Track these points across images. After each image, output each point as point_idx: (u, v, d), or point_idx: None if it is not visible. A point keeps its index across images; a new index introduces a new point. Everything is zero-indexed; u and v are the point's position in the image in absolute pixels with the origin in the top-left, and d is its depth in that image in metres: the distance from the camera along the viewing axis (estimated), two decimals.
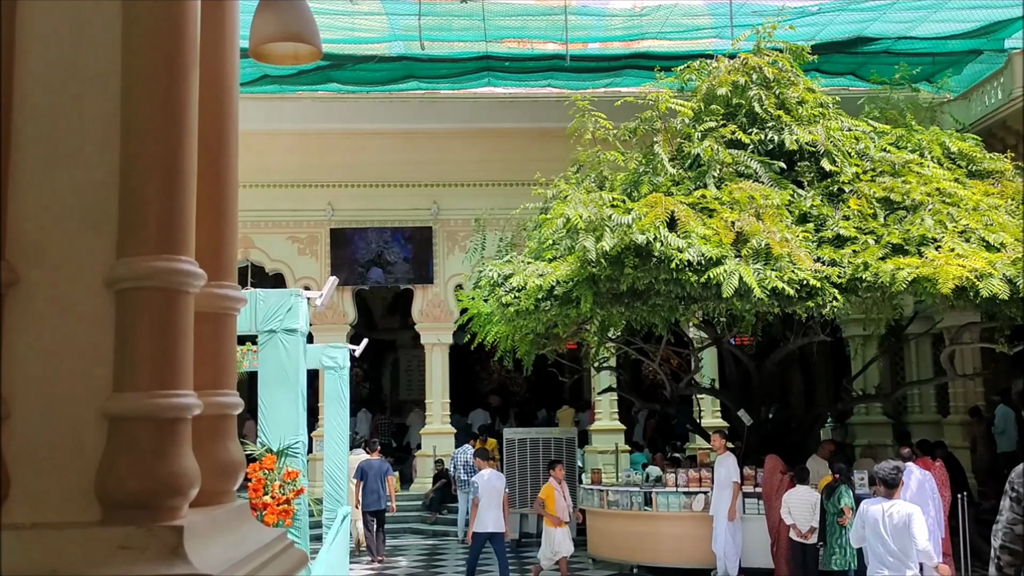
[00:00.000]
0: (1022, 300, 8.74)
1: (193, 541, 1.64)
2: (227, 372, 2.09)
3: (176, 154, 1.75)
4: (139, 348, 1.65)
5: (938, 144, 11.10)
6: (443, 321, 16.84)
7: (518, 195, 13.68)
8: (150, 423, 1.63)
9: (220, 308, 2.07)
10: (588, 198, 9.60)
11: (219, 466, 1.98)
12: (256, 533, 2.07)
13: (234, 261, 2.17)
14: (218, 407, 2.00)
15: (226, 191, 2.14)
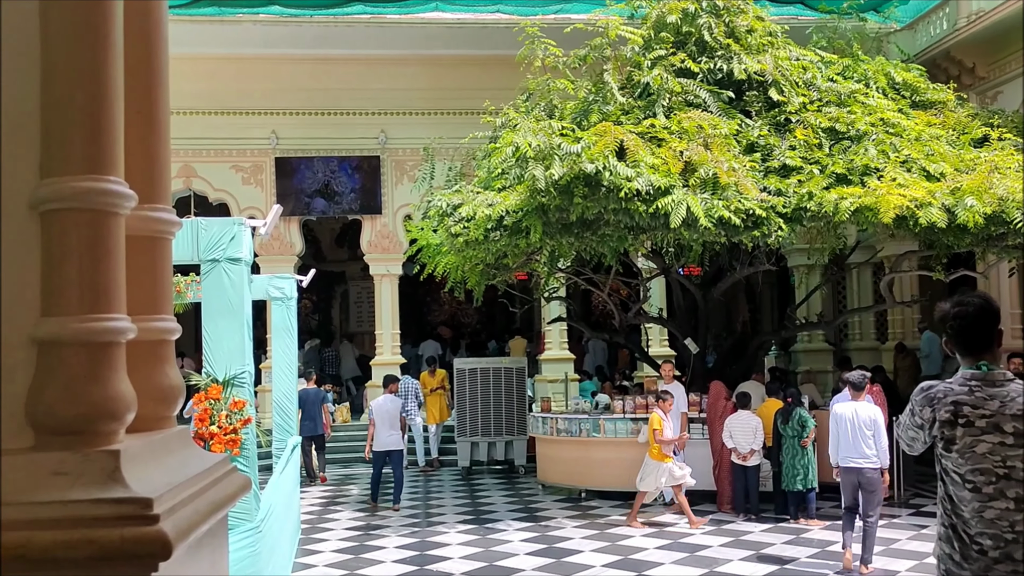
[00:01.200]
0: (959, 228, 8.93)
1: (130, 466, 1.62)
2: (163, 297, 2.05)
3: (101, 70, 1.68)
4: (67, 272, 1.60)
5: (883, 74, 11.20)
6: (392, 252, 16.73)
7: (467, 124, 13.53)
8: (81, 348, 1.59)
9: (154, 232, 2.01)
10: (538, 127, 9.52)
11: (157, 391, 1.95)
12: (197, 458, 2.06)
13: (167, 183, 2.11)
14: (155, 332, 1.97)
15: (157, 111, 2.07)
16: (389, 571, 8.15)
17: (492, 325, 23.83)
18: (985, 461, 3.08)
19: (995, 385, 3.15)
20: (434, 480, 13.73)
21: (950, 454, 3.15)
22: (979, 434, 3.10)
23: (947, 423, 3.14)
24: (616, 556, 8.43)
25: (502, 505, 11.43)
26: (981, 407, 3.12)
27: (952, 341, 3.24)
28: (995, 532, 3.06)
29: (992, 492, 3.07)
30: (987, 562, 3.06)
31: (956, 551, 3.14)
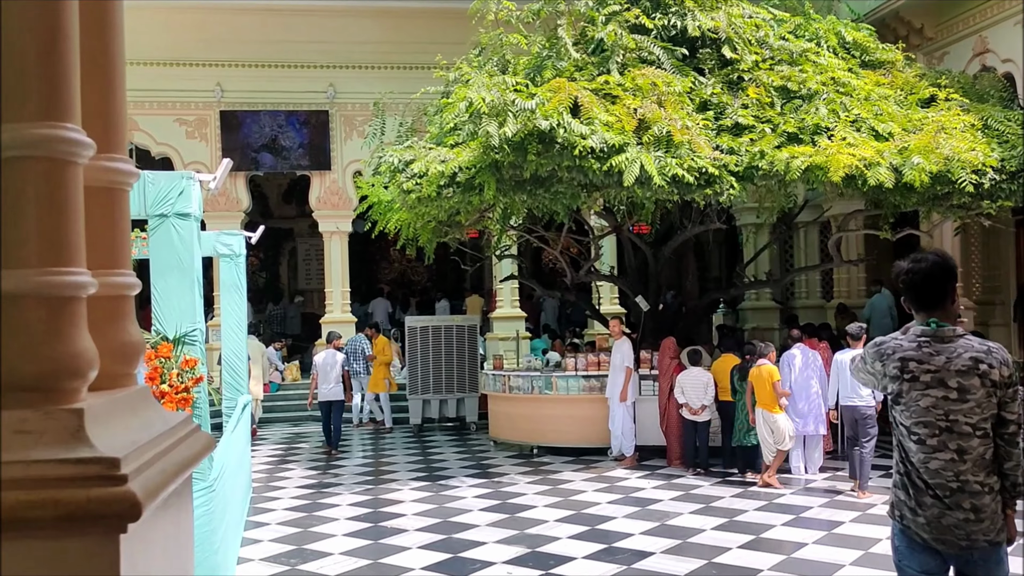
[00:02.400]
0: (906, 188, 9.09)
1: (95, 425, 1.56)
2: (122, 251, 1.97)
3: (55, 15, 1.59)
4: (26, 223, 1.52)
5: (834, 34, 11.26)
6: (342, 209, 16.52)
7: (418, 79, 13.33)
8: (42, 302, 1.52)
9: (112, 182, 1.93)
10: (491, 82, 9.40)
11: (118, 348, 1.89)
12: (160, 417, 2.00)
13: (124, 133, 2.02)
14: (114, 287, 1.89)
15: (112, 58, 1.97)
16: (343, 528, 8.15)
17: (443, 283, 23.75)
18: (928, 415, 3.16)
19: (944, 341, 3.22)
20: (386, 438, 13.73)
21: (898, 406, 3.23)
22: (923, 388, 3.17)
23: (895, 378, 3.21)
24: (569, 511, 8.53)
25: (455, 462, 11.48)
26: (927, 362, 3.19)
27: (907, 297, 3.30)
28: (939, 482, 3.15)
29: (935, 444, 3.16)
30: (941, 508, 3.15)
31: (911, 498, 3.23)
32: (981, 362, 3.19)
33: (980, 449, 3.17)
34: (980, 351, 3.23)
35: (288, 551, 7.43)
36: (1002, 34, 12.17)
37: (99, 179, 1.86)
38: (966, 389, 3.16)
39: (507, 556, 7.07)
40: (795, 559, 6.84)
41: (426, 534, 7.84)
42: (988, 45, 12.36)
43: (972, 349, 3.22)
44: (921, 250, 3.43)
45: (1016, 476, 3.23)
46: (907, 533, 3.24)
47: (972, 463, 3.16)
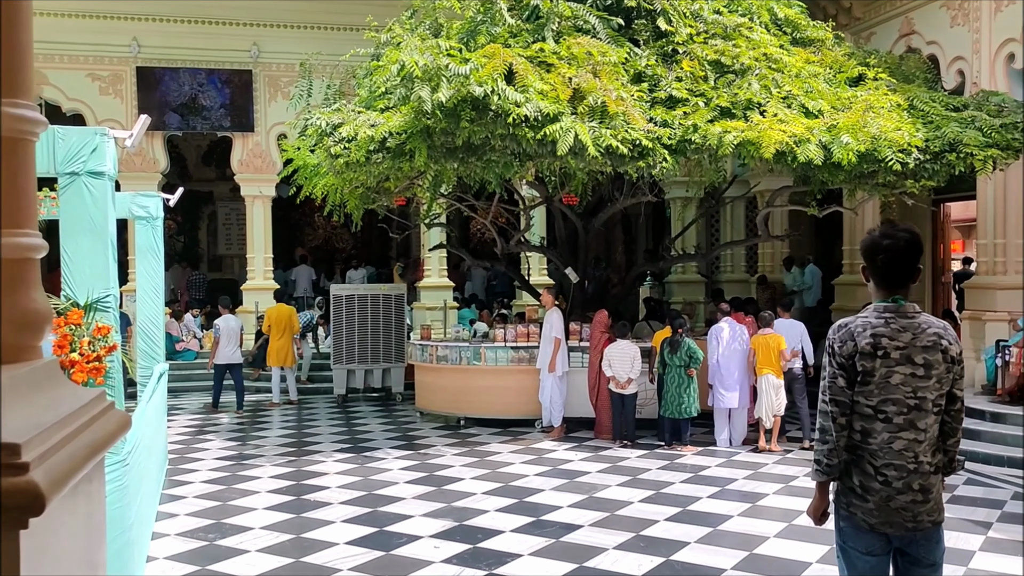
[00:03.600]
0: (834, 165, 9.17)
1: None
2: (26, 209, 1.75)
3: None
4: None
5: (766, 10, 11.27)
6: (265, 172, 16.04)
7: (347, 40, 12.95)
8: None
9: (17, 131, 1.71)
10: (423, 46, 9.15)
11: (20, 317, 1.67)
12: (70, 394, 1.80)
13: (30, 76, 1.79)
14: (17, 249, 1.68)
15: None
16: (264, 501, 7.93)
17: (368, 251, 23.38)
18: (897, 392, 3.13)
19: (907, 317, 3.20)
20: (308, 408, 13.46)
21: (867, 387, 3.17)
22: (893, 365, 3.14)
23: (867, 355, 3.16)
24: (497, 483, 8.46)
25: (380, 433, 11.31)
26: (896, 339, 3.16)
27: (875, 272, 3.24)
28: (901, 463, 3.13)
29: (902, 423, 3.13)
30: (889, 492, 3.13)
31: (858, 484, 3.20)
32: (942, 338, 3.19)
33: (934, 427, 3.17)
34: (939, 327, 3.22)
35: (206, 525, 7.19)
36: (927, 16, 12.39)
37: (2, 127, 1.64)
38: (930, 365, 3.15)
39: (434, 530, 6.97)
40: (721, 531, 6.90)
41: (350, 507, 7.68)
42: (914, 27, 12.58)
43: (933, 325, 3.21)
44: (893, 226, 3.34)
45: (955, 452, 3.25)
46: (853, 519, 3.21)
47: (927, 442, 3.15)
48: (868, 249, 3.23)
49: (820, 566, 6.02)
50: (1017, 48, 10.80)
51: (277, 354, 13.53)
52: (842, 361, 3.22)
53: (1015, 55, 10.89)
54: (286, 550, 6.53)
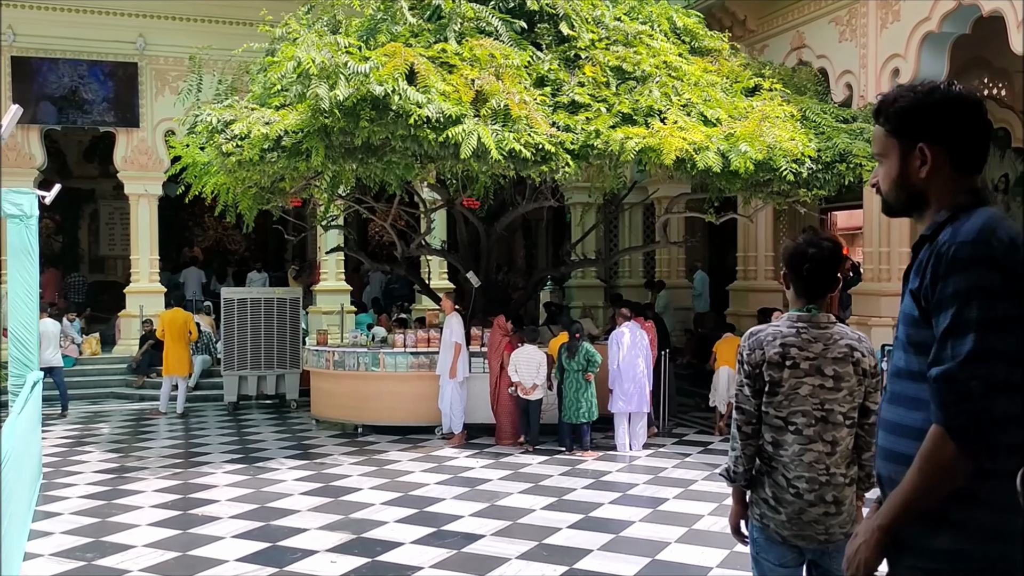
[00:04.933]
0: (732, 173, 9.32)
1: None
2: None
3: None
4: None
5: (666, 18, 11.42)
6: (151, 170, 15.35)
7: (240, 35, 12.49)
8: None
9: None
10: (321, 42, 8.86)
11: None
12: None
13: None
14: None
15: None
16: (147, 517, 7.49)
17: (263, 253, 22.72)
18: (807, 403, 3.09)
19: (820, 327, 3.16)
20: (196, 417, 12.90)
21: (775, 397, 3.12)
22: (803, 376, 3.09)
23: (776, 364, 3.11)
24: (396, 493, 8.24)
25: (273, 442, 10.91)
26: (806, 349, 3.12)
27: (797, 281, 3.19)
28: (812, 475, 3.09)
29: (811, 434, 3.09)
30: (802, 504, 3.09)
31: (771, 496, 3.15)
32: (855, 350, 3.16)
33: (847, 439, 3.14)
34: (853, 339, 3.19)
35: (83, 544, 6.73)
36: (817, 31, 12.77)
37: None
38: (841, 377, 3.11)
39: (330, 543, 6.71)
40: (623, 537, 6.87)
41: (241, 521, 7.33)
42: (805, 41, 12.95)
43: (846, 336, 3.18)
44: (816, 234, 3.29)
45: (871, 467, 3.23)
46: (766, 530, 3.17)
47: (840, 455, 3.12)
48: (793, 257, 3.18)
49: (721, 571, 6.05)
50: (902, 63, 11.23)
51: (173, 362, 12.90)
52: (749, 370, 3.17)
53: (899, 70, 11.31)
54: (171, 569, 6.16)
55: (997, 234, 1.86)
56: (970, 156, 2.03)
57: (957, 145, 1.99)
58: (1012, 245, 1.85)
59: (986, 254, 1.82)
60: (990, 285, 1.79)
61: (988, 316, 1.78)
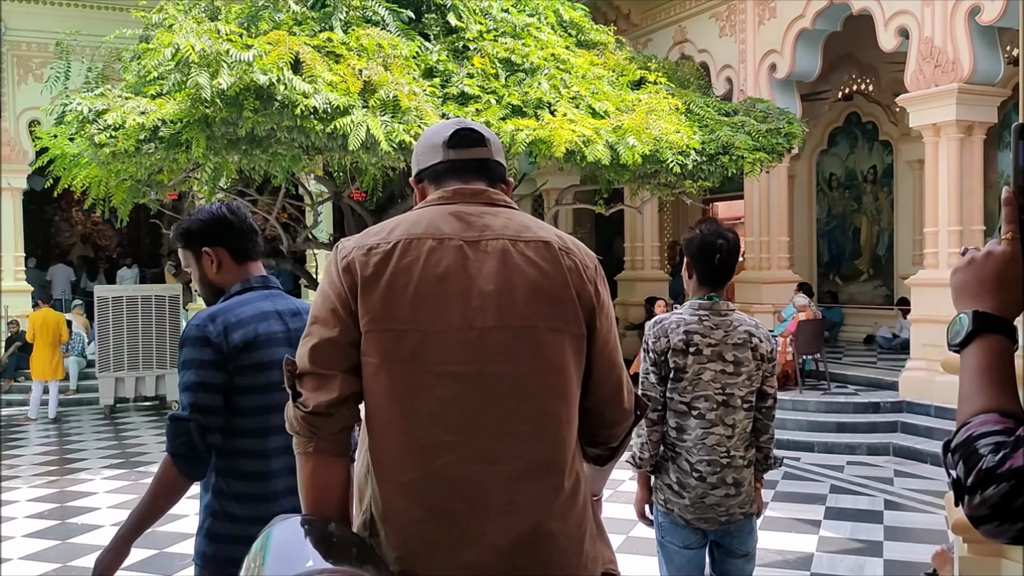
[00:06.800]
0: (620, 166, 9.46)
1: None
2: None
3: None
4: None
5: (552, 11, 11.49)
6: (15, 162, 14.47)
7: (111, 20, 11.93)
8: None
9: None
10: (200, 29, 8.52)
11: None
12: None
13: None
14: None
15: None
16: (22, 528, 7.07)
17: (136, 249, 21.77)
18: (709, 388, 3.17)
19: (720, 315, 3.24)
20: (70, 421, 12.27)
21: (680, 383, 3.18)
22: (705, 362, 3.17)
23: (680, 351, 3.17)
24: None
25: (154, 445, 10.48)
26: (708, 336, 3.19)
27: (705, 270, 3.25)
28: (713, 458, 3.17)
29: (714, 418, 3.17)
30: (704, 488, 3.17)
31: (675, 481, 3.22)
32: (753, 336, 3.25)
33: (745, 423, 3.24)
34: (751, 325, 3.29)
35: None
36: (698, 26, 13.13)
37: None
38: (740, 362, 3.20)
39: None
40: None
41: None
42: (687, 35, 13.29)
43: (745, 323, 3.28)
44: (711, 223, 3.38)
45: (769, 449, 3.33)
46: (670, 515, 3.24)
47: (738, 437, 3.21)
48: (702, 248, 3.24)
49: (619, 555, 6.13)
50: (778, 59, 11.65)
51: (43, 366, 12.18)
52: (655, 357, 3.23)
53: (776, 65, 11.74)
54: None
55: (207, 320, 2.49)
56: (241, 249, 2.67)
57: (230, 244, 2.65)
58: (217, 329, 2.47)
59: (198, 336, 2.46)
60: (200, 358, 2.44)
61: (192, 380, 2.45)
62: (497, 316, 1.66)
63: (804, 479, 8.51)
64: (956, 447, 1.15)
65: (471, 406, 1.65)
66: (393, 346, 1.65)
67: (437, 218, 1.75)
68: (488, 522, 1.64)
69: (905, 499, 7.76)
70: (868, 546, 6.48)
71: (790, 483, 8.32)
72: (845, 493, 7.99)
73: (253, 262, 2.70)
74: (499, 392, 1.66)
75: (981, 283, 1.25)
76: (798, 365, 10.80)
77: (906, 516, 7.23)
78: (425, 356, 1.64)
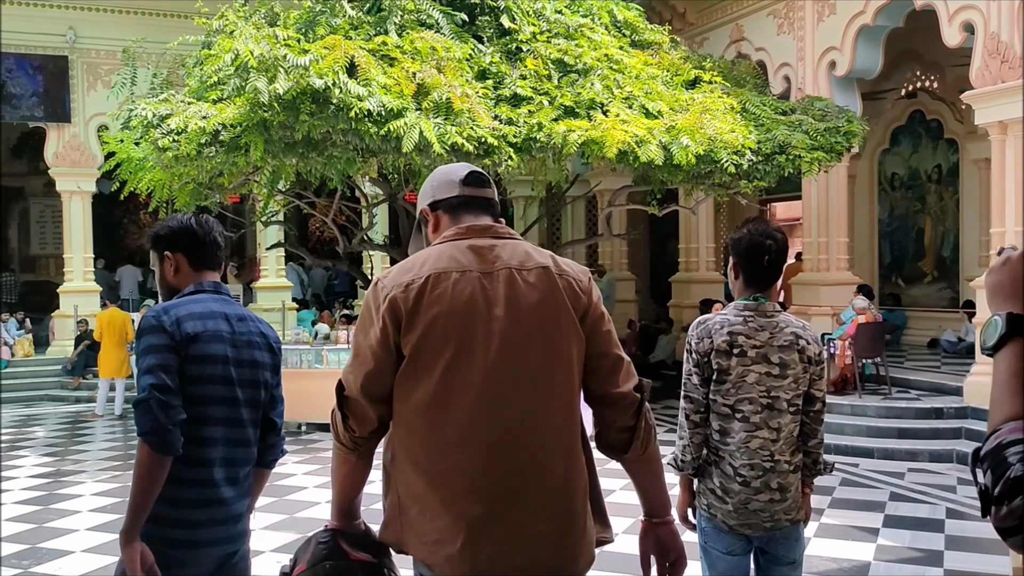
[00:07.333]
0: (674, 166, 9.39)
1: None
2: None
3: None
4: None
5: (606, 11, 11.45)
6: (84, 166, 14.95)
7: (175, 27, 12.26)
8: None
9: None
10: (259, 35, 8.70)
11: None
12: None
13: None
14: None
15: None
16: (86, 522, 7.30)
17: None
18: (753, 391, 3.12)
19: (766, 316, 3.19)
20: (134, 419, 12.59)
21: (723, 385, 3.15)
22: (749, 364, 3.12)
23: (723, 353, 3.13)
24: None
25: None
26: (753, 337, 3.14)
27: (753, 271, 3.20)
28: (757, 462, 3.12)
29: (758, 421, 3.12)
30: (748, 493, 3.12)
31: (718, 486, 3.18)
32: (800, 338, 3.19)
33: (791, 427, 3.18)
34: (798, 327, 3.23)
35: (19, 551, 6.53)
36: (755, 24, 12.95)
37: None
38: (786, 365, 3.14)
39: (275, 544, 6.61)
40: None
41: None
42: (744, 34, 13.13)
43: (792, 324, 3.22)
44: (759, 223, 3.32)
45: (818, 454, 3.27)
46: (713, 520, 3.20)
47: (784, 441, 3.15)
48: (751, 248, 3.18)
49: None
50: (838, 56, 11.44)
51: (110, 364, 12.55)
52: (698, 358, 3.19)
53: (836, 63, 11.53)
54: (111, 573, 6.00)
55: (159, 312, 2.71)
56: (199, 258, 2.89)
57: (189, 252, 2.88)
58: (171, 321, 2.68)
59: (154, 325, 2.67)
60: (157, 344, 2.63)
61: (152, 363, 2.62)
62: (510, 330, 2.05)
63: (862, 485, 8.33)
64: (985, 455, 1.12)
65: (494, 401, 2.03)
66: (432, 362, 2.04)
67: (457, 253, 2.11)
68: (506, 501, 2.04)
69: (968, 508, 7.55)
70: (928, 555, 6.32)
71: (847, 489, 8.16)
72: (905, 501, 7.81)
73: (210, 271, 2.93)
74: (516, 385, 2.05)
75: (1015, 284, 1.22)
76: (857, 369, 10.59)
77: (968, 525, 7.03)
78: (458, 368, 2.02)
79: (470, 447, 2.01)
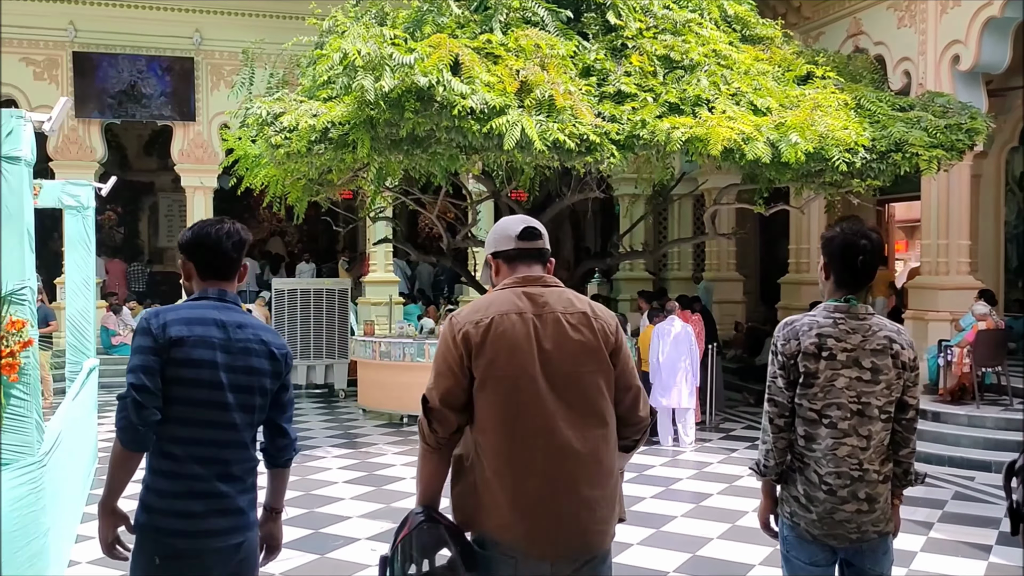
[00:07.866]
0: (782, 164, 9.13)
1: None
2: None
3: None
4: None
5: (716, 6, 11.21)
6: (207, 163, 15.63)
7: (290, 28, 12.65)
8: None
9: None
10: (367, 34, 8.90)
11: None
12: None
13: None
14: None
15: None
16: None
17: (314, 245, 22.99)
18: (842, 396, 3.00)
19: (858, 319, 3.07)
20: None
21: (810, 389, 3.04)
22: (839, 368, 3.01)
23: (811, 355, 3.02)
24: None
25: (321, 431, 11.05)
26: (844, 340, 3.03)
27: (846, 271, 3.10)
28: (844, 470, 3.00)
29: (847, 428, 3.00)
30: (834, 502, 3.00)
31: (802, 494, 3.07)
32: (894, 342, 3.05)
33: (882, 434, 3.04)
34: (892, 331, 3.08)
35: None
36: (875, 17, 12.46)
37: None
38: (879, 370, 3.01)
39: (372, 532, 6.77)
40: (665, 532, 6.81)
41: (286, 508, 7.40)
42: (862, 27, 12.65)
43: (885, 328, 3.08)
44: (853, 222, 3.21)
45: (910, 464, 3.12)
46: (796, 529, 3.09)
47: (873, 449, 3.02)
48: (845, 248, 3.06)
49: (763, 568, 5.95)
50: (962, 50, 10.90)
51: None
52: (783, 360, 3.09)
53: (959, 57, 10.98)
54: None
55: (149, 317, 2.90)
56: (208, 267, 3.02)
57: (199, 260, 3.02)
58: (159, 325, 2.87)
59: (143, 328, 2.86)
60: (142, 345, 2.81)
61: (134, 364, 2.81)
62: (557, 365, 2.64)
63: (977, 500, 7.93)
64: (1020, 469, 1.05)
65: (548, 413, 2.64)
66: (498, 386, 2.62)
67: (515, 298, 2.70)
68: (556, 493, 2.63)
69: None
70: None
71: (960, 503, 7.78)
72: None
73: (220, 280, 3.03)
74: (564, 401, 2.66)
75: None
76: (976, 378, 10.07)
77: None
78: (518, 392, 2.61)
79: (530, 451, 2.59)
